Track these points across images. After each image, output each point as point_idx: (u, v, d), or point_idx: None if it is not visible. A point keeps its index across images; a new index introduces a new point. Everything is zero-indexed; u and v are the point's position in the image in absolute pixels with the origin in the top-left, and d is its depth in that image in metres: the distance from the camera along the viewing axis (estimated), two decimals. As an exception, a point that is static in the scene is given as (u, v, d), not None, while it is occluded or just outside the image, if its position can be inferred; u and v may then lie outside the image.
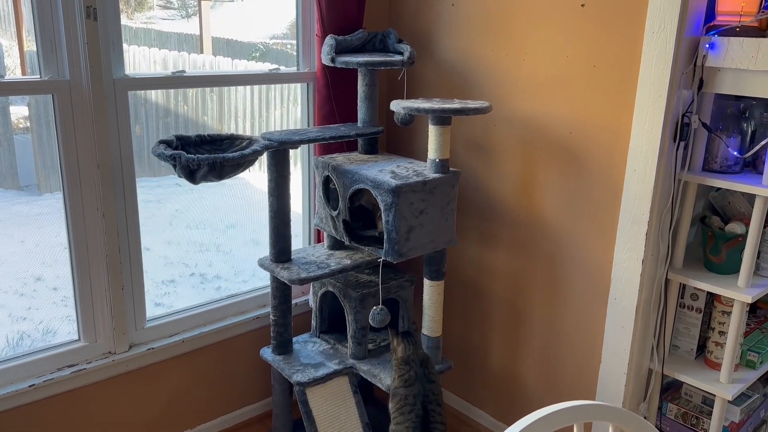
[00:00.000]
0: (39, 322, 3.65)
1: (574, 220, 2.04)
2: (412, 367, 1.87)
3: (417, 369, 1.87)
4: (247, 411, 2.47)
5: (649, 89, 1.76)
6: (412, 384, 1.85)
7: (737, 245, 1.88)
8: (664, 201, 1.86)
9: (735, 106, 1.86)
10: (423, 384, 1.86)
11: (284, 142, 1.95)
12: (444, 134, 1.89)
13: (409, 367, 1.87)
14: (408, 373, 1.86)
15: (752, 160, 1.90)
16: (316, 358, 2.18)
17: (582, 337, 2.08)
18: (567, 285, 2.10)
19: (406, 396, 1.84)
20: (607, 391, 2.02)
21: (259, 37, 6.68)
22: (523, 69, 2.08)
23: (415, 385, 1.85)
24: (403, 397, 1.85)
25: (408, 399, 1.84)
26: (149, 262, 4.39)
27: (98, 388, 2.05)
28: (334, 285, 2.18)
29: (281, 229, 2.05)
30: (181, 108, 5.75)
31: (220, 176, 1.80)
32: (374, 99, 2.17)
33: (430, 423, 1.84)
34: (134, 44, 6.23)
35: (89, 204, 1.92)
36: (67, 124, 1.83)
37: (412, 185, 1.85)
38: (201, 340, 2.25)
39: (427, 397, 1.86)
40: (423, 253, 1.96)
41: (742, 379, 1.93)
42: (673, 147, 1.81)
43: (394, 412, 1.86)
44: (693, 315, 2.01)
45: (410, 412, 1.83)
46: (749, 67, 1.65)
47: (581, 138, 1.97)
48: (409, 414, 1.83)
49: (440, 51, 2.34)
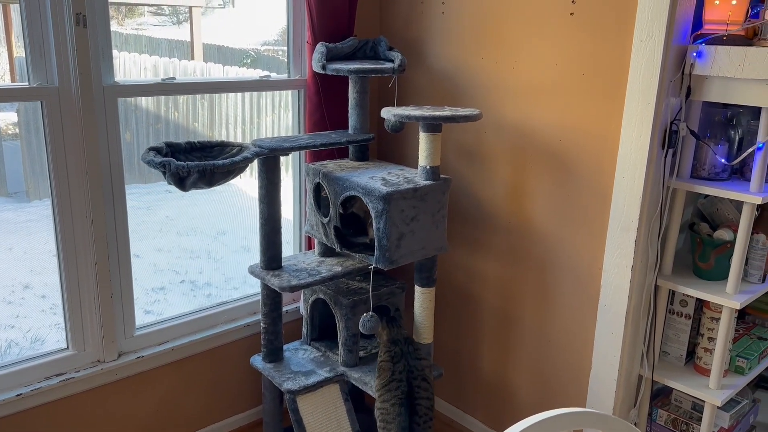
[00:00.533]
0: (27, 330, 3.62)
1: (564, 227, 2.05)
2: (398, 345, 1.92)
3: (403, 347, 1.92)
4: (237, 419, 2.45)
5: (638, 97, 1.77)
6: (398, 360, 1.90)
7: (725, 252, 1.89)
8: (653, 208, 1.87)
9: (722, 114, 1.88)
10: (408, 360, 1.91)
11: (275, 149, 1.94)
12: (434, 141, 1.90)
13: (396, 345, 1.92)
14: (394, 349, 1.91)
15: (740, 168, 1.92)
16: (307, 365, 2.17)
17: (572, 343, 2.09)
18: (557, 291, 2.10)
19: (392, 371, 1.88)
20: (597, 397, 2.02)
21: (251, 43, 6.68)
22: (513, 77, 2.10)
23: (401, 361, 1.90)
24: (390, 372, 1.89)
25: (394, 375, 1.88)
26: (139, 270, 4.36)
27: (87, 396, 2.03)
28: (325, 292, 2.17)
29: (272, 236, 2.05)
30: (171, 114, 5.74)
31: (210, 183, 1.80)
32: (365, 106, 2.17)
33: (415, 399, 1.89)
34: (125, 50, 6.22)
35: (78, 211, 1.91)
36: (56, 131, 1.82)
37: (403, 192, 1.85)
38: (191, 348, 2.23)
39: (411, 373, 1.90)
40: (414, 260, 1.96)
41: (731, 384, 1.94)
42: (662, 154, 1.83)
43: (380, 389, 1.90)
44: (682, 321, 2.02)
45: (397, 389, 1.87)
46: (736, 75, 1.67)
47: (571, 145, 1.98)
48: (396, 390, 1.87)
49: (431, 58, 2.35)
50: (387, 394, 1.88)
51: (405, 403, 1.88)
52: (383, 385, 1.90)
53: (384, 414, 1.88)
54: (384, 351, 1.93)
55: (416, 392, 1.89)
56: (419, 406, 1.89)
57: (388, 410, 1.87)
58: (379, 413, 1.89)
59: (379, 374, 1.92)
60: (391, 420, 1.86)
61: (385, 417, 1.87)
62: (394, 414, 1.86)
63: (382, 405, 1.89)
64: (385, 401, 1.88)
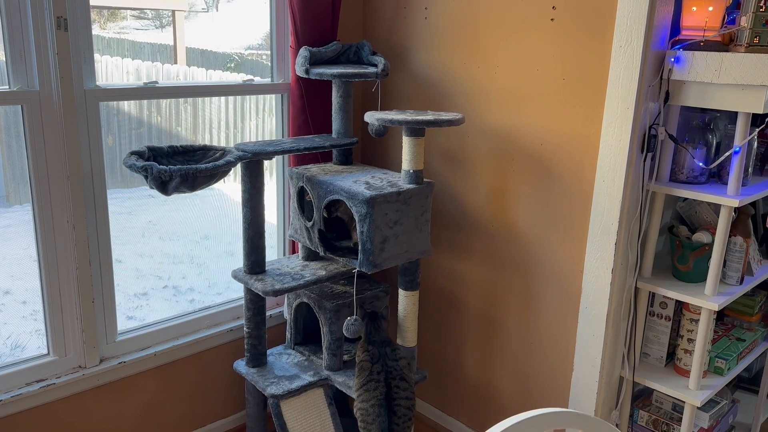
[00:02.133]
0: (7, 337, 3.57)
1: (546, 230, 2.07)
2: (375, 346, 1.93)
3: (380, 348, 1.93)
4: (221, 425, 2.44)
5: (617, 102, 1.80)
6: (376, 361, 1.91)
7: (704, 254, 1.92)
8: (633, 211, 1.90)
9: (700, 118, 1.91)
10: (386, 362, 1.92)
11: (258, 153, 1.94)
12: (418, 145, 1.91)
13: (373, 346, 1.93)
14: (372, 352, 1.93)
15: (717, 171, 1.95)
16: (291, 370, 2.16)
17: (554, 345, 2.11)
18: (539, 294, 2.12)
19: (371, 371, 1.90)
20: (579, 398, 2.04)
21: (234, 47, 6.66)
22: (495, 82, 2.12)
23: (379, 362, 1.91)
24: (368, 372, 1.90)
25: (372, 375, 1.89)
26: (121, 275, 4.31)
27: (68, 402, 2.01)
28: (309, 296, 2.17)
29: (255, 241, 2.05)
30: (154, 119, 5.69)
31: (193, 187, 1.79)
32: (349, 110, 2.18)
33: (394, 400, 1.90)
34: (107, 54, 6.16)
35: (59, 216, 1.89)
36: (37, 135, 1.81)
37: (387, 196, 1.86)
38: (173, 354, 2.22)
39: (390, 374, 1.91)
40: (397, 263, 1.97)
41: (710, 385, 1.97)
42: (641, 158, 1.85)
43: (359, 389, 1.91)
44: (662, 323, 2.05)
45: (375, 389, 1.88)
46: (713, 81, 1.70)
47: (552, 149, 2.00)
48: (374, 391, 1.88)
49: (414, 63, 2.36)
50: (366, 394, 1.89)
51: (384, 403, 1.89)
52: (362, 385, 1.91)
53: (364, 414, 1.89)
54: (363, 350, 1.94)
55: (395, 392, 1.90)
56: (398, 406, 1.90)
57: (368, 411, 1.88)
58: (359, 413, 1.90)
59: (359, 373, 1.93)
60: (371, 421, 1.87)
61: (365, 417, 1.88)
62: (374, 415, 1.87)
63: (362, 405, 1.90)
64: (364, 401, 1.89)
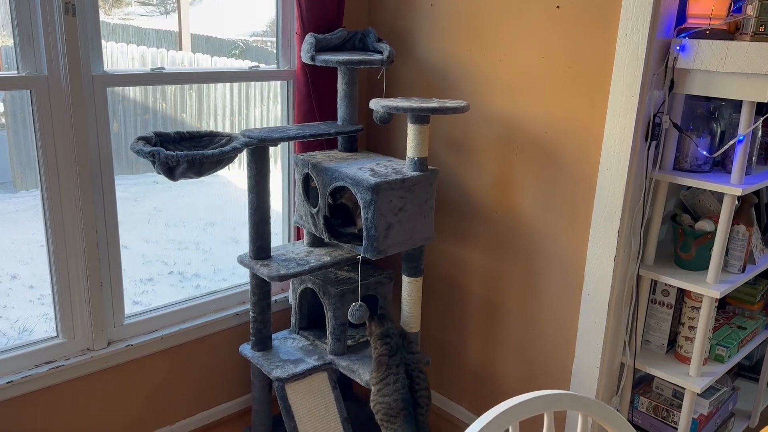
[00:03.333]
0: (15, 321, 3.61)
1: (549, 218, 2.08)
2: (392, 338, 1.94)
3: (397, 340, 1.94)
4: (226, 407, 2.48)
5: (622, 90, 1.80)
6: (394, 353, 1.91)
7: (706, 242, 1.93)
8: (636, 199, 1.91)
9: (705, 107, 1.92)
10: (404, 354, 1.93)
11: (264, 139, 1.96)
12: (422, 133, 1.92)
13: (390, 338, 1.94)
14: (389, 344, 1.93)
15: (721, 160, 1.96)
16: (296, 354, 2.19)
17: (556, 332, 2.13)
18: (542, 281, 2.14)
19: (389, 365, 1.89)
20: (580, 384, 2.06)
21: (239, 34, 6.64)
22: (500, 69, 2.12)
23: (397, 355, 1.91)
24: (388, 365, 1.89)
25: (392, 368, 1.89)
26: (127, 261, 4.34)
27: (77, 384, 2.04)
28: (314, 282, 2.19)
29: (261, 227, 2.06)
30: (159, 105, 5.71)
31: (200, 173, 1.81)
32: (354, 97, 2.19)
33: (416, 392, 1.89)
34: (112, 40, 6.16)
35: (67, 200, 1.91)
36: (45, 120, 1.83)
37: (391, 183, 1.87)
38: (180, 337, 2.25)
39: (409, 366, 1.91)
40: (401, 249, 1.98)
41: (710, 372, 1.99)
42: (645, 146, 1.86)
43: (379, 383, 1.90)
44: (664, 310, 2.06)
45: (395, 382, 1.87)
46: (718, 69, 1.70)
47: (556, 137, 2.01)
48: (396, 384, 1.87)
49: (419, 50, 2.36)
50: (386, 388, 1.87)
51: (408, 396, 1.87)
52: (381, 379, 1.89)
53: (387, 408, 1.86)
54: (381, 344, 1.93)
55: (417, 383, 1.90)
56: (421, 397, 1.89)
57: (391, 404, 1.85)
58: (380, 407, 1.87)
59: (377, 368, 1.92)
60: (395, 414, 1.84)
61: (388, 411, 1.85)
62: (398, 408, 1.85)
63: (383, 399, 1.87)
64: (385, 395, 1.87)
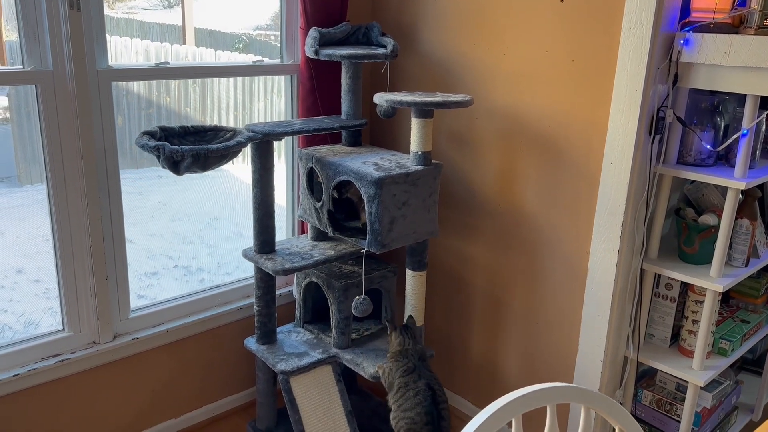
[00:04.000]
0: (20, 315, 3.62)
1: (553, 212, 2.08)
2: (410, 360, 1.91)
3: (415, 362, 1.91)
4: (231, 400, 2.49)
5: (626, 84, 1.80)
6: (411, 372, 1.89)
7: (710, 236, 1.93)
8: (640, 193, 1.91)
9: (709, 101, 1.91)
10: (421, 371, 1.90)
11: (268, 134, 1.96)
12: (426, 127, 1.92)
13: (407, 359, 1.91)
14: (407, 364, 1.90)
15: (725, 154, 1.96)
16: (300, 347, 2.20)
17: (560, 326, 2.13)
18: (545, 275, 2.14)
19: (406, 383, 1.87)
20: (584, 378, 2.07)
21: (243, 28, 6.62)
22: (504, 63, 2.12)
23: (414, 372, 1.89)
24: (403, 385, 1.87)
25: (409, 385, 1.86)
26: (132, 255, 4.34)
27: (83, 377, 2.06)
28: (318, 275, 2.20)
29: (265, 221, 2.07)
30: (163, 99, 5.70)
31: (204, 167, 1.82)
32: (358, 92, 2.19)
33: (438, 404, 1.87)
34: (116, 35, 6.15)
35: (73, 195, 1.93)
36: (51, 114, 1.83)
37: (395, 177, 1.88)
38: (185, 330, 2.26)
39: (430, 382, 1.88)
40: (405, 243, 1.99)
41: (714, 366, 1.99)
42: (649, 140, 1.86)
43: (399, 400, 1.87)
44: (667, 304, 2.07)
45: (416, 395, 1.85)
46: (722, 63, 1.70)
47: (560, 131, 2.01)
48: (416, 397, 1.85)
49: (423, 44, 2.36)
50: (407, 403, 1.85)
51: (432, 409, 1.85)
52: (400, 397, 1.87)
53: (410, 423, 1.84)
54: (394, 363, 1.92)
55: (438, 396, 1.88)
56: (443, 410, 1.87)
57: (414, 419, 1.83)
58: (403, 423, 1.85)
59: (392, 391, 1.90)
60: (419, 429, 1.83)
61: (411, 427, 1.83)
62: (422, 423, 1.83)
63: (406, 414, 1.85)
64: (407, 410, 1.85)
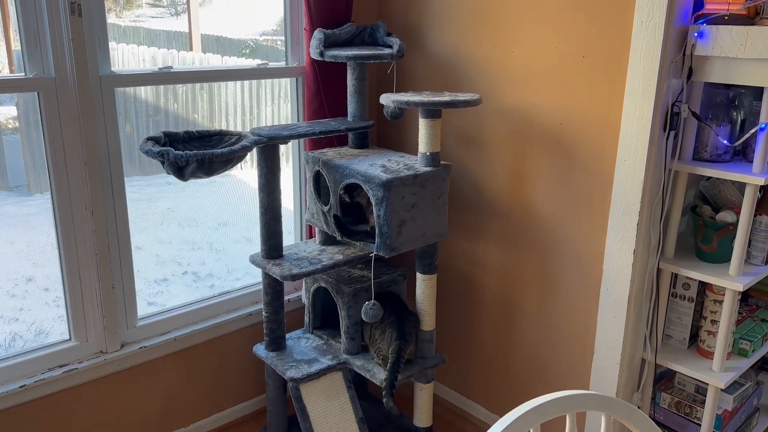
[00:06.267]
0: (31, 323, 3.62)
1: (566, 212, 2.04)
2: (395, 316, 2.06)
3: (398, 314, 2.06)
4: (241, 408, 2.46)
5: (639, 79, 1.75)
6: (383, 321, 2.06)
7: (728, 234, 1.88)
8: (655, 191, 1.86)
9: (724, 95, 1.87)
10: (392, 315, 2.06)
11: (274, 137, 1.93)
12: (434, 127, 1.89)
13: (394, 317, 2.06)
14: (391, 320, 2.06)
15: (742, 149, 1.91)
16: (310, 353, 2.17)
17: (575, 328, 2.08)
18: (559, 277, 2.10)
19: (382, 329, 2.03)
20: (600, 381, 2.02)
21: (249, 33, 6.64)
22: (513, 61, 2.08)
23: (394, 315, 2.05)
24: (369, 326, 2.08)
25: (380, 327, 2.04)
26: (141, 262, 4.34)
27: (90, 387, 2.03)
28: (327, 280, 2.17)
29: (272, 225, 2.04)
30: (171, 106, 5.72)
31: (209, 172, 1.79)
32: (364, 93, 2.16)
33: (406, 318, 2.05)
34: (123, 42, 6.19)
35: (77, 202, 1.90)
36: (53, 121, 1.81)
37: (403, 179, 1.84)
38: (193, 338, 2.24)
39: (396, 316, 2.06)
40: (415, 246, 1.95)
41: (734, 367, 1.94)
42: (663, 136, 1.81)
43: (374, 345, 2.07)
44: (685, 304, 2.01)
45: (383, 332, 2.02)
46: (738, 55, 1.65)
47: (571, 129, 1.97)
48: (384, 332, 2.02)
49: (429, 44, 2.33)
50: (379, 339, 2.04)
51: (396, 327, 2.03)
52: (375, 340, 2.07)
53: (385, 351, 2.02)
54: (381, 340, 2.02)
55: (407, 319, 2.06)
56: (409, 321, 2.06)
57: (383, 347, 2.02)
58: (378, 356, 2.05)
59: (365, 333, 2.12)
60: (388, 348, 2.00)
61: (384, 354, 2.02)
62: (390, 341, 2.00)
63: (379, 347, 2.04)
64: (380, 342, 2.04)
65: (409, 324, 2.05)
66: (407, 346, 2.01)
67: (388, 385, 1.96)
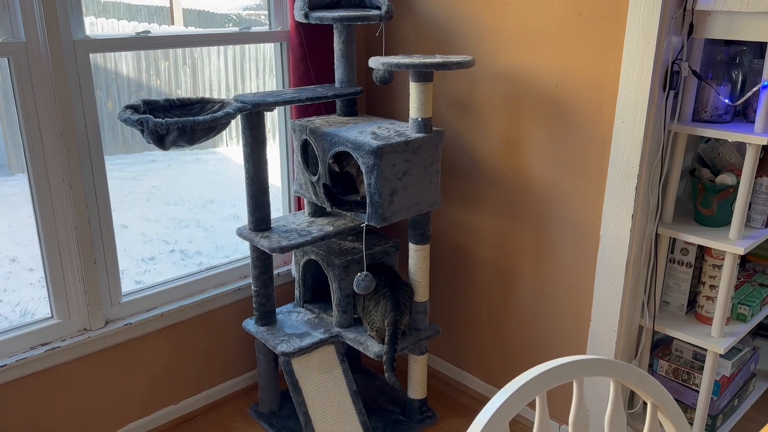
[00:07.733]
0: (16, 304, 3.55)
1: (562, 177, 1.98)
2: (388, 288, 2.02)
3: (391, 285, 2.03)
4: (232, 384, 2.41)
5: (638, 36, 1.69)
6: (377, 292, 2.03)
7: (728, 197, 1.84)
8: (654, 153, 1.81)
9: (725, 53, 1.80)
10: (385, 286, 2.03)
11: (258, 104, 1.86)
12: (426, 92, 1.82)
13: (387, 289, 2.02)
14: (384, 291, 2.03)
15: (742, 109, 1.85)
16: (301, 327, 2.12)
17: (571, 296, 2.04)
18: (555, 244, 2.05)
19: (375, 300, 2.00)
20: (597, 349, 1.99)
21: (232, 8, 6.50)
22: (507, 21, 2.00)
23: (387, 287, 2.02)
24: (362, 298, 2.05)
25: (374, 298, 2.00)
26: (128, 240, 4.27)
27: (74, 366, 1.97)
28: (317, 253, 2.11)
29: (259, 197, 1.97)
30: (153, 82, 5.60)
31: (192, 141, 1.72)
32: (351, 57, 2.08)
33: (400, 289, 2.02)
34: (102, 17, 6.04)
35: (54, 174, 1.82)
36: (26, 89, 1.72)
37: (394, 146, 1.78)
38: (180, 314, 2.17)
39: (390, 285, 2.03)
40: (407, 216, 1.89)
41: (733, 332, 1.91)
42: (663, 96, 1.75)
43: (363, 311, 2.06)
44: (683, 270, 1.98)
45: (377, 304, 1.99)
46: (741, 9, 1.59)
47: (568, 91, 1.90)
48: (378, 303, 1.99)
49: (419, 5, 2.24)
50: (372, 304, 2.02)
51: (390, 297, 2.00)
52: (363, 308, 2.05)
53: (380, 323, 1.98)
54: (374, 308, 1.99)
55: (401, 289, 2.03)
56: (403, 290, 2.03)
57: (377, 318, 1.99)
58: (373, 329, 2.01)
59: (358, 306, 2.08)
60: (383, 319, 1.97)
61: (380, 326, 1.98)
62: (384, 312, 1.98)
63: (375, 316, 2.00)
64: (377, 312, 2.01)
65: (404, 294, 1.99)
66: (403, 317, 1.96)
67: (388, 359, 1.91)
